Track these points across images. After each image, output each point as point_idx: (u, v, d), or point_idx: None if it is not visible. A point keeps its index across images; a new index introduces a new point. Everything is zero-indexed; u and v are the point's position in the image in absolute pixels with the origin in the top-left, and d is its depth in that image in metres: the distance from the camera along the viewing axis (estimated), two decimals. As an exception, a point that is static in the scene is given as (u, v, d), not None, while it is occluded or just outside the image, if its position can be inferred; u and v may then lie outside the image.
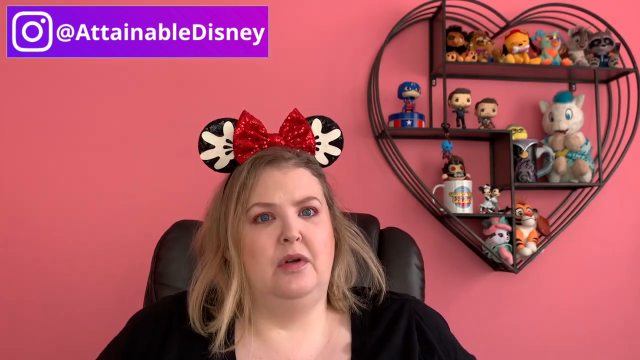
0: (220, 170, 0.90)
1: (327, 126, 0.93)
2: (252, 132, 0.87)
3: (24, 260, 1.75)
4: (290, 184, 0.82)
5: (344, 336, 0.87)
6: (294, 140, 0.89)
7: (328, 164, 0.94)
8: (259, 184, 0.82)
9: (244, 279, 0.83)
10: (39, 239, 1.76)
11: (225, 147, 0.88)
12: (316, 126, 0.92)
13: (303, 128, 0.89)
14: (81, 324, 1.74)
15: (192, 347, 0.82)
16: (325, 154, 0.93)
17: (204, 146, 0.88)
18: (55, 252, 1.76)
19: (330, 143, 0.93)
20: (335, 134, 0.93)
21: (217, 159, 0.89)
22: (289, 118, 0.90)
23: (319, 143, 0.92)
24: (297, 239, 0.80)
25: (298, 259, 0.80)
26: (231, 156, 0.88)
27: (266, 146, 0.87)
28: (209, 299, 0.85)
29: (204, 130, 0.88)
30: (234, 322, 0.85)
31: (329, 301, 0.90)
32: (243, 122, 0.87)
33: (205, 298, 0.85)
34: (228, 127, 0.88)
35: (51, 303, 1.75)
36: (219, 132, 0.88)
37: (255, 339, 0.85)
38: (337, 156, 0.94)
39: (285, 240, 0.80)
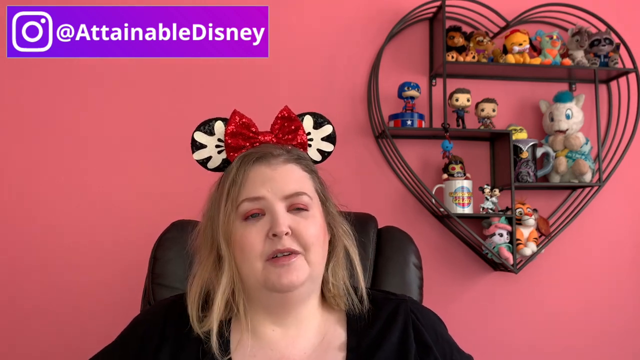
0: (214, 170, 0.91)
1: (319, 122, 0.93)
2: (243, 131, 0.87)
3: (22, 260, 1.75)
4: (279, 179, 0.82)
5: (340, 334, 0.86)
6: (285, 137, 0.89)
7: (321, 160, 0.94)
8: (248, 180, 0.83)
9: (235, 274, 0.83)
10: (37, 239, 1.76)
11: (217, 146, 0.89)
12: (308, 122, 0.92)
13: (294, 125, 0.90)
14: (79, 323, 1.74)
15: (186, 353, 0.81)
16: (318, 150, 0.93)
17: (196, 146, 0.89)
18: (53, 252, 1.76)
19: (323, 139, 0.93)
20: (327, 129, 0.93)
21: (209, 158, 0.90)
22: (279, 115, 0.90)
23: (311, 139, 0.92)
24: (287, 234, 0.80)
25: (288, 253, 0.80)
26: (223, 155, 0.89)
27: (257, 144, 0.88)
28: (207, 299, 0.85)
29: (196, 130, 0.89)
30: (230, 323, 0.84)
31: (324, 298, 0.90)
32: (234, 121, 0.88)
33: (204, 297, 0.84)
34: (219, 126, 0.89)
35: (48, 303, 1.75)
36: (211, 132, 0.89)
37: (251, 336, 0.84)
38: (330, 152, 0.94)
39: (274, 235, 0.79)
